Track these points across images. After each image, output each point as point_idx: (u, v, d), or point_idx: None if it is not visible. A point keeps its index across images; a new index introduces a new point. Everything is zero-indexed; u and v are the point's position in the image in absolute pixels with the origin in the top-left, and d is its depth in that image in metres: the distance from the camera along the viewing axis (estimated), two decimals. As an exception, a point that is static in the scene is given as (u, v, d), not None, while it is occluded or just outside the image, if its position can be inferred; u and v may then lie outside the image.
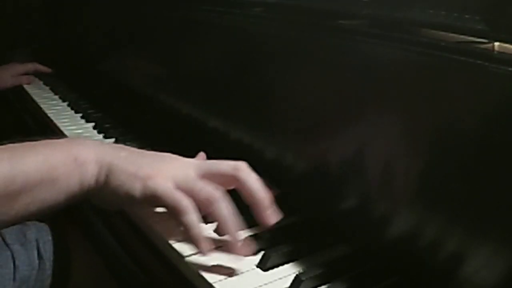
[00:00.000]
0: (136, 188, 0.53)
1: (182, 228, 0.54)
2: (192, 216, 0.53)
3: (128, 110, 1.06)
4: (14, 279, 0.70)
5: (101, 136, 0.96)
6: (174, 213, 0.54)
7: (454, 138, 0.49)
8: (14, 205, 0.50)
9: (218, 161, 0.59)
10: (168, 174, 0.54)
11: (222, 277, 0.54)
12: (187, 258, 0.57)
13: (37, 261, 0.73)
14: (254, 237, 0.60)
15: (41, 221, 0.78)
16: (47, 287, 0.73)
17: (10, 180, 0.49)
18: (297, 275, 0.53)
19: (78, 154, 0.54)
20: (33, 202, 0.51)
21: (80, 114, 1.09)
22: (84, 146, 0.55)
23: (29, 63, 1.46)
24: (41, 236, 0.75)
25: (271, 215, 0.55)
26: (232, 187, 0.57)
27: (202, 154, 0.67)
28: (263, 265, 0.56)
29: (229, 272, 0.54)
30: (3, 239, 0.72)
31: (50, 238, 0.75)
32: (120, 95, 1.14)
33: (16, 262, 0.71)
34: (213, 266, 0.56)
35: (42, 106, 1.17)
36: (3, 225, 0.52)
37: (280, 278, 0.55)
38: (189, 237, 0.54)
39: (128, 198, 0.54)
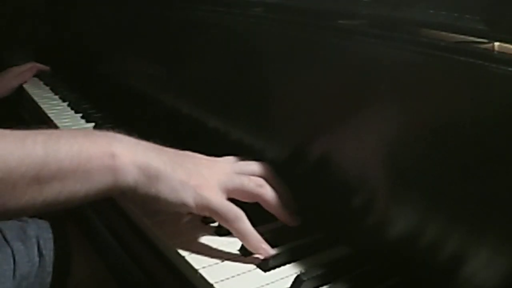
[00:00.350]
0: (190, 197, 0.55)
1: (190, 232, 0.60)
2: (246, 223, 0.56)
3: (129, 110, 1.06)
4: (14, 275, 0.70)
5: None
6: (227, 222, 0.57)
7: (454, 138, 0.49)
8: (43, 191, 0.49)
9: (244, 163, 0.65)
10: (214, 180, 0.58)
11: (222, 276, 0.54)
12: (187, 258, 0.57)
13: (37, 258, 0.73)
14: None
15: (41, 218, 0.79)
16: (47, 284, 0.73)
17: (43, 164, 0.48)
18: (298, 275, 0.53)
19: (116, 152, 0.52)
20: (63, 191, 0.50)
21: (80, 114, 1.09)
22: (123, 145, 0.54)
23: (27, 63, 1.47)
24: (42, 233, 0.75)
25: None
26: None
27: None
28: (264, 266, 0.56)
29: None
30: (4, 236, 0.73)
31: (50, 235, 0.75)
32: (120, 95, 1.14)
33: (17, 259, 0.71)
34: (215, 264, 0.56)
35: (42, 106, 1.17)
36: (31, 211, 0.50)
37: (281, 279, 0.55)
38: (247, 244, 0.57)
39: (181, 205, 0.55)
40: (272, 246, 0.58)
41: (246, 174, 0.62)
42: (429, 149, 0.51)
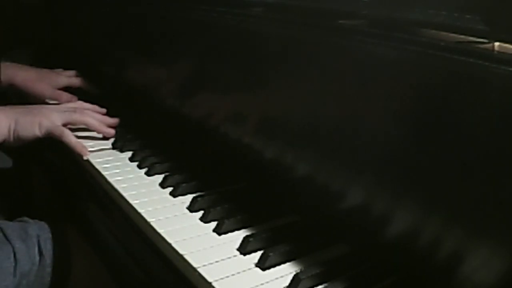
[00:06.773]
0: (37, 129, 0.89)
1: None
2: (69, 136, 0.88)
3: (128, 110, 1.05)
4: (14, 274, 0.71)
5: (100, 135, 0.96)
6: (60, 138, 0.88)
7: (454, 138, 0.49)
8: None
9: (71, 104, 1.02)
10: (50, 116, 0.91)
11: (221, 275, 0.54)
12: (186, 256, 0.57)
13: (37, 257, 0.73)
14: (252, 236, 0.60)
15: (41, 220, 0.79)
16: (47, 284, 0.74)
17: None
18: (296, 274, 0.54)
19: None
20: None
21: (80, 114, 1.08)
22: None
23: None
24: (42, 233, 0.75)
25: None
26: None
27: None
28: (262, 264, 0.56)
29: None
30: (4, 235, 0.73)
31: (50, 236, 0.75)
32: (120, 95, 1.14)
33: (17, 257, 0.71)
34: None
35: (41, 105, 1.16)
36: None
37: (280, 277, 0.55)
38: (73, 149, 0.88)
39: (34, 136, 0.89)
40: (271, 245, 0.58)
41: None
42: (428, 148, 0.51)
